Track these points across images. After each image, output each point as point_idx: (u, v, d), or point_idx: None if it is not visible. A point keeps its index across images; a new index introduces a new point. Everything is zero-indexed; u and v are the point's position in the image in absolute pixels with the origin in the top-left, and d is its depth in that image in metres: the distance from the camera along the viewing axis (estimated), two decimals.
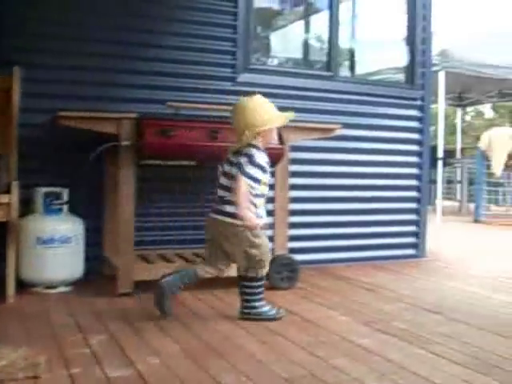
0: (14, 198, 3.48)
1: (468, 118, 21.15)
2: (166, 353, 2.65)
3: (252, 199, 3.12)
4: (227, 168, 3.18)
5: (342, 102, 5.08)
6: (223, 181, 3.19)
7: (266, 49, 6.13)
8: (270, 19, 6.21)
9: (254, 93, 4.63)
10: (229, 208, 3.13)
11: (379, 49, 6.89)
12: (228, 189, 3.15)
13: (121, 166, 3.62)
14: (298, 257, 4.27)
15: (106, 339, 2.82)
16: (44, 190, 3.79)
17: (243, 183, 3.05)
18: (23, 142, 3.76)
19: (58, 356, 2.55)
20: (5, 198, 3.45)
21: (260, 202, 3.20)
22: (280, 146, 3.87)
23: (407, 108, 5.43)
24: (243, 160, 3.09)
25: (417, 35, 5.49)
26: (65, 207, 3.84)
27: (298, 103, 4.85)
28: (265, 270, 3.26)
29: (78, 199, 3.96)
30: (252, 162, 3.09)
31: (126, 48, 4.28)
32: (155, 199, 4.32)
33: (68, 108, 3.73)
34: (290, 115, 3.30)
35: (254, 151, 3.12)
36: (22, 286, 3.68)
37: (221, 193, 3.20)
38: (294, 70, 5.24)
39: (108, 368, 2.43)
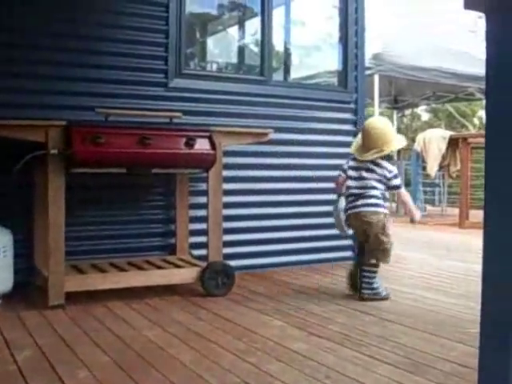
0: None
1: (406, 120, 21.53)
2: (97, 365, 2.59)
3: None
4: (364, 173, 3.93)
5: (275, 106, 5.09)
6: (360, 183, 3.94)
7: (202, 54, 6.11)
8: (205, 24, 6.19)
9: (189, 98, 4.64)
10: (371, 201, 3.89)
11: (315, 53, 6.96)
12: (364, 188, 3.91)
13: (49, 175, 3.53)
14: (235, 262, 4.26)
15: (34, 354, 2.74)
16: None
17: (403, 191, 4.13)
18: None
19: None
20: None
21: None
22: (212, 152, 3.85)
23: (341, 111, 5.48)
24: (386, 171, 3.94)
25: (349, 39, 5.54)
26: None
27: (231, 108, 4.84)
28: (388, 259, 3.94)
29: (6, 210, 3.85)
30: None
31: (54, 54, 4.18)
32: (87, 208, 4.24)
33: None
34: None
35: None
36: None
37: (358, 191, 3.93)
38: (226, 75, 5.24)
39: None
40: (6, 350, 2.79)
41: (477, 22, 15.96)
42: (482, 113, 20.74)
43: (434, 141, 9.27)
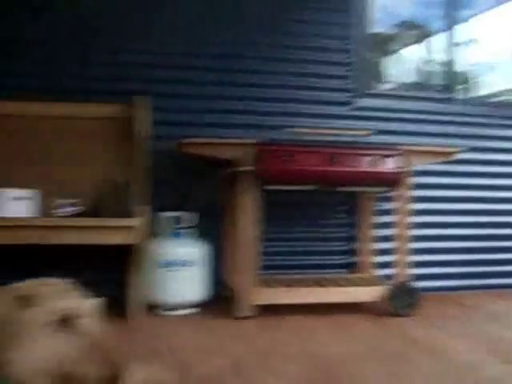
0: (140, 221, 3.62)
1: None
2: (285, 375, 2.64)
3: None
4: None
5: (460, 124, 4.96)
6: None
7: (381, 73, 6.10)
8: (383, 43, 6.18)
9: (373, 117, 4.64)
10: None
11: (498, 70, 6.70)
12: None
13: (241, 191, 3.69)
14: (421, 283, 4.17)
15: (229, 362, 2.85)
16: (170, 214, 3.92)
17: None
18: (151, 167, 3.92)
19: (184, 376, 2.59)
20: (131, 222, 3.58)
21: None
22: (396, 171, 3.82)
23: None
24: None
25: None
26: (190, 231, 3.94)
27: (415, 127, 4.79)
28: None
29: (204, 223, 4.06)
30: None
31: (244, 76, 4.40)
32: (275, 224, 4.36)
33: (192, 135, 3.87)
34: None
35: None
36: (145, 307, 3.78)
37: None
38: (409, 94, 5.17)
39: None
40: (202, 356, 2.93)
41: None
42: None
43: None
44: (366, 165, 3.79)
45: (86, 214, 3.74)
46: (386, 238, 4.29)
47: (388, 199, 4.39)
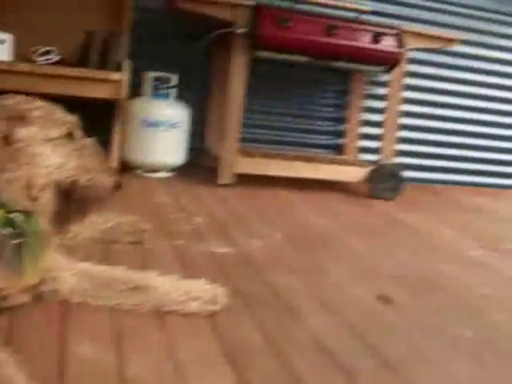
0: (124, 76, 3.45)
1: None
2: (268, 238, 2.58)
3: None
4: None
5: (462, 16, 4.76)
6: None
7: None
8: None
9: None
10: None
11: None
12: None
13: (233, 55, 3.51)
14: (406, 173, 4.10)
15: (208, 220, 2.78)
16: (153, 74, 3.74)
17: None
18: (136, 24, 3.73)
19: (161, 229, 2.51)
20: (115, 76, 3.42)
21: None
22: (397, 50, 3.67)
23: None
24: None
25: None
26: (173, 92, 3.78)
27: (422, 13, 4.59)
28: None
29: (186, 87, 3.90)
30: None
31: None
32: (262, 96, 4.22)
33: None
34: None
35: None
36: (124, 167, 3.66)
37: None
38: None
39: (212, 245, 2.38)
40: (181, 213, 2.85)
41: None
42: None
43: None
44: (364, 40, 3.62)
45: (66, 64, 3.54)
46: (375, 124, 4.19)
47: (380, 84, 4.28)
